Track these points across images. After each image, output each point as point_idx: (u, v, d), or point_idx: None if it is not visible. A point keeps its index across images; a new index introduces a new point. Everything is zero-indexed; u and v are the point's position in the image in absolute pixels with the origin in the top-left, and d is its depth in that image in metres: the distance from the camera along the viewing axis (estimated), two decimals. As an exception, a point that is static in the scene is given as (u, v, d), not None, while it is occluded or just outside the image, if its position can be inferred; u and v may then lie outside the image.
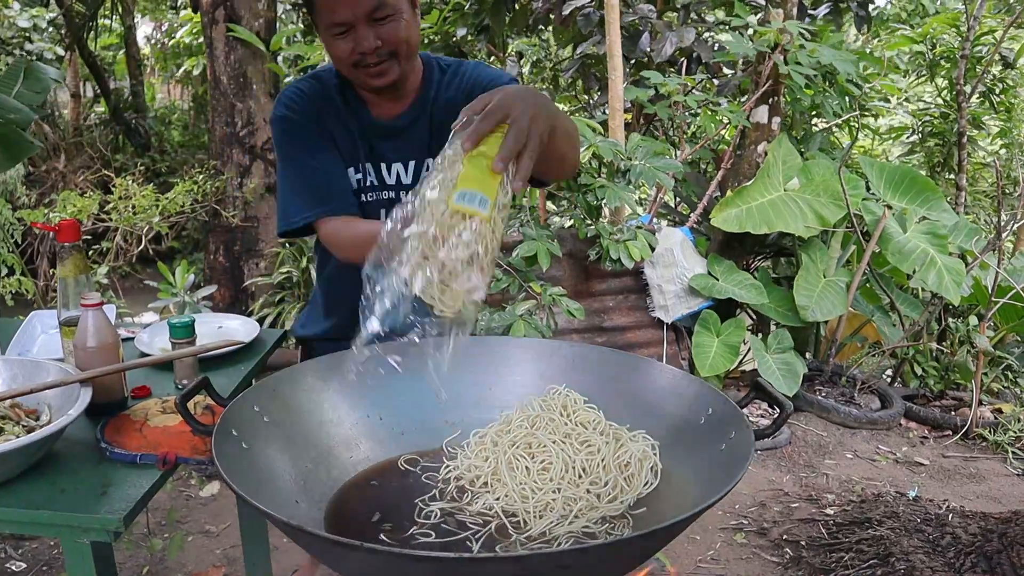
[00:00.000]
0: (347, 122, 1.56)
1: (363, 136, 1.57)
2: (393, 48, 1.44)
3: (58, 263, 1.47)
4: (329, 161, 1.54)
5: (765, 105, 3.98)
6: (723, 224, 3.71)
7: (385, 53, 1.44)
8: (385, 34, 1.42)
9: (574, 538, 1.07)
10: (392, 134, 1.58)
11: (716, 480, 1.00)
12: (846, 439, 3.50)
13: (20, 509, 1.14)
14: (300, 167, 1.53)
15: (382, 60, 1.44)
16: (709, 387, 1.20)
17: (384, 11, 1.40)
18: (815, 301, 3.68)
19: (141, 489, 1.19)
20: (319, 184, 1.52)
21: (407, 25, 1.44)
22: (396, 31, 1.43)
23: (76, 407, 1.24)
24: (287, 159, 1.55)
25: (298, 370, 1.27)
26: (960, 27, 5.04)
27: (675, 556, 2.59)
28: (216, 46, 4.63)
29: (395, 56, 1.45)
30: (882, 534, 2.51)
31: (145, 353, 1.66)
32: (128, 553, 2.57)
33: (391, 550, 0.95)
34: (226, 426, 1.05)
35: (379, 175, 1.59)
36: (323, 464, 1.19)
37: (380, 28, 1.42)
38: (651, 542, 0.97)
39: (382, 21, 1.41)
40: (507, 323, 2.98)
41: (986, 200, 6.05)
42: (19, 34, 7.18)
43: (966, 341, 3.76)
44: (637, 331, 3.79)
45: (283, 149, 1.56)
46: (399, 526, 1.09)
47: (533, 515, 1.09)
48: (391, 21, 1.42)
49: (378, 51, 1.43)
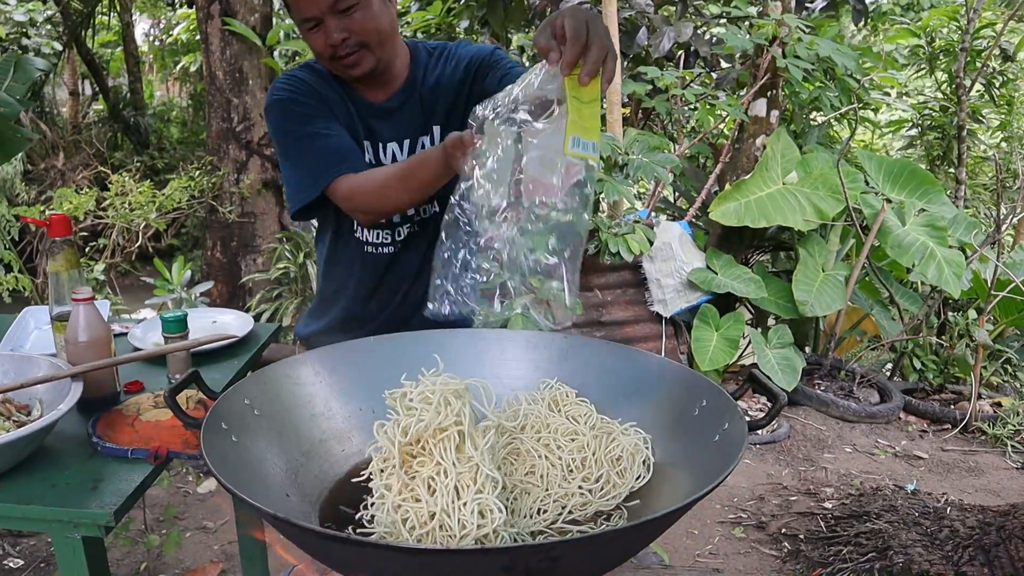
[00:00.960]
0: (345, 104, 1.57)
1: (360, 117, 1.58)
2: (362, 38, 1.45)
3: (49, 258, 1.46)
4: (334, 127, 1.53)
5: (763, 98, 3.97)
6: (721, 218, 3.70)
7: (355, 44, 1.45)
8: (352, 25, 1.43)
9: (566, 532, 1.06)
10: (385, 115, 1.58)
11: (710, 472, 0.99)
12: (845, 433, 3.50)
13: (11, 504, 1.14)
14: (306, 139, 1.51)
15: (354, 51, 1.46)
16: (702, 378, 1.19)
17: (347, 2, 1.42)
18: (814, 296, 3.67)
19: (132, 484, 1.18)
20: (329, 148, 1.50)
21: (375, 14, 1.45)
22: (363, 21, 1.44)
23: (67, 401, 1.23)
24: (289, 137, 1.53)
25: (290, 363, 1.26)
26: (959, 20, 5.02)
27: (673, 550, 2.59)
28: (212, 41, 4.62)
29: (366, 46, 1.46)
30: (880, 527, 2.51)
31: (138, 348, 1.65)
32: (125, 549, 2.57)
33: (380, 543, 0.95)
34: (216, 419, 1.05)
35: (376, 154, 1.59)
36: (315, 458, 1.18)
37: (347, 20, 1.43)
38: (642, 534, 0.96)
39: (347, 12, 1.42)
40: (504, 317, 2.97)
41: (986, 193, 6.04)
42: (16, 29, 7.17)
43: (965, 335, 3.76)
44: (636, 325, 3.78)
45: (284, 129, 1.54)
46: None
47: (525, 516, 1.09)
48: (357, 11, 1.43)
49: (347, 42, 1.44)
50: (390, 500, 1.02)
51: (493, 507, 0.99)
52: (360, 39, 1.45)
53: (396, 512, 1.01)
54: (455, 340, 1.36)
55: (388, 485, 1.03)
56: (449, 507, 0.98)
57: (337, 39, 1.43)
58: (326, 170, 1.48)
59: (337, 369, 1.27)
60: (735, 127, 4.15)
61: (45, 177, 7.02)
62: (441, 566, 0.85)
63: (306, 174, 1.51)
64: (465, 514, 0.97)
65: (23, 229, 4.81)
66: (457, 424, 1.04)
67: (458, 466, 1.01)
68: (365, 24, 1.44)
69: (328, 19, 1.42)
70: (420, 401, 1.06)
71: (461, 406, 1.06)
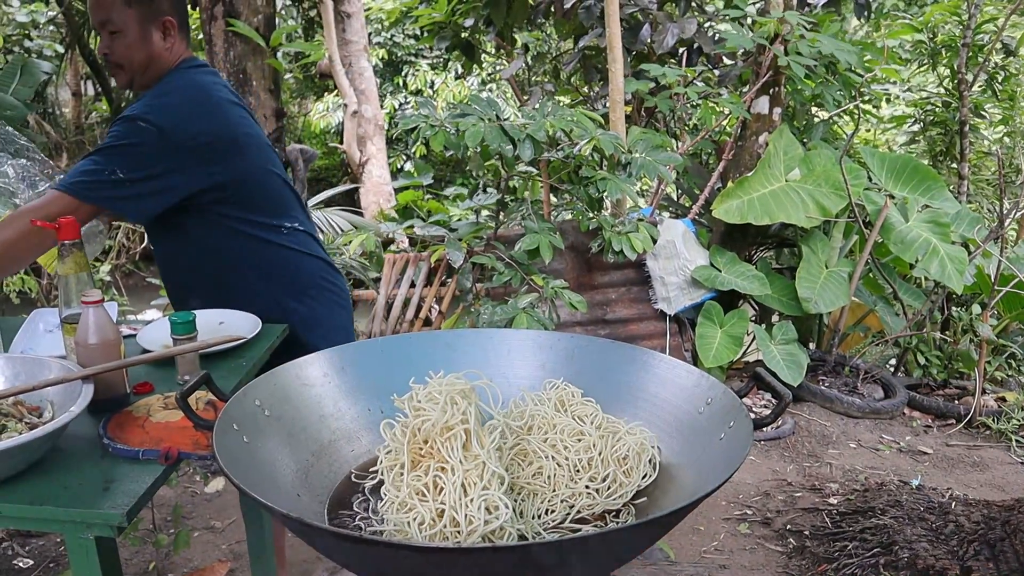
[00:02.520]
0: None
1: None
2: (116, 60, 1.73)
3: (58, 261, 1.47)
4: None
5: (766, 96, 3.97)
6: (725, 215, 3.71)
7: (112, 62, 1.74)
8: (110, 47, 1.72)
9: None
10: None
11: (715, 469, 1.01)
12: (849, 429, 3.51)
13: (24, 505, 1.15)
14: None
15: (113, 65, 1.75)
16: (708, 377, 1.20)
17: (110, 27, 1.69)
18: (817, 292, 3.67)
19: (144, 484, 1.19)
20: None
21: (129, 45, 1.71)
22: (117, 47, 1.71)
23: (78, 403, 1.24)
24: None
25: (299, 365, 1.27)
26: (961, 15, 5.02)
27: (679, 547, 2.60)
28: (215, 42, 4.63)
29: (120, 67, 1.74)
30: (885, 523, 2.51)
31: (147, 350, 1.66)
32: (134, 549, 2.58)
33: (392, 541, 0.96)
34: (227, 421, 1.06)
35: None
36: (324, 458, 1.19)
37: (109, 40, 1.71)
38: (649, 531, 0.97)
39: (112, 35, 1.70)
40: (509, 316, 2.98)
41: (989, 188, 6.03)
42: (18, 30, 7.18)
43: (969, 330, 3.76)
44: (640, 323, 3.79)
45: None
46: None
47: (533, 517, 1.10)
48: (116, 38, 1.70)
49: (107, 57, 1.74)
50: (399, 499, 1.03)
51: (499, 503, 1.00)
52: (115, 60, 1.73)
53: (405, 511, 1.02)
54: (462, 340, 1.37)
55: (397, 484, 1.04)
56: (456, 504, 0.99)
57: (101, 50, 1.76)
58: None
59: (346, 370, 1.29)
60: (738, 124, 4.15)
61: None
62: (452, 564, 0.87)
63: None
64: (472, 510, 0.99)
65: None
66: (463, 423, 1.05)
67: (465, 463, 1.02)
68: (116, 50, 1.71)
69: (101, 32, 1.72)
70: (427, 401, 1.07)
71: (467, 406, 1.07)
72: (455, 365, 1.32)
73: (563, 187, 3.60)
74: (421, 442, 1.05)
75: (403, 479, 1.04)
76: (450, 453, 1.03)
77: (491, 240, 3.47)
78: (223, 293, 1.83)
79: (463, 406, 1.06)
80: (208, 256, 1.82)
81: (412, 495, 1.02)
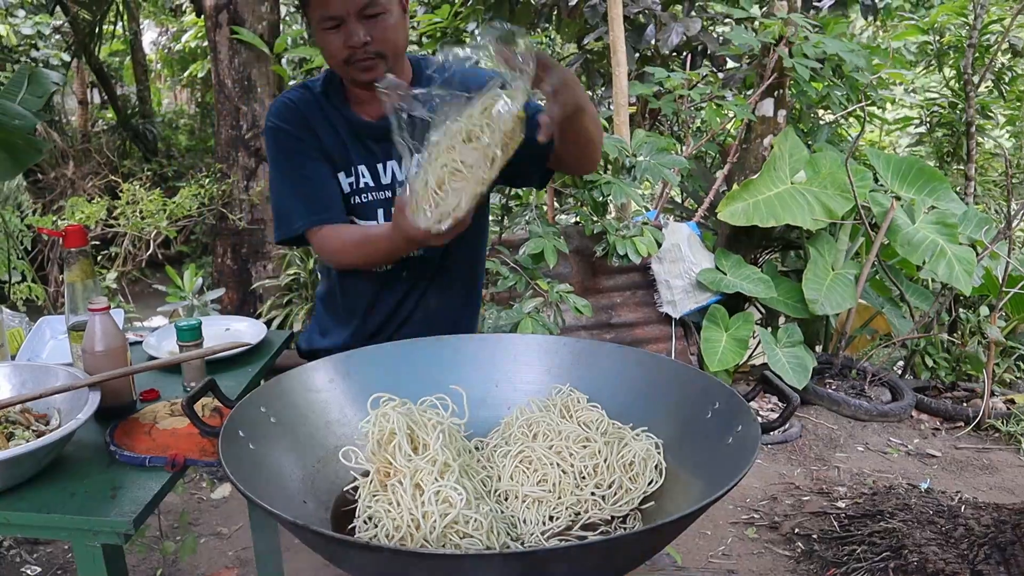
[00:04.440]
0: (337, 127, 1.60)
1: (355, 138, 1.60)
2: (380, 48, 1.46)
3: (65, 268, 1.48)
4: (319, 171, 1.59)
5: (771, 98, 3.97)
6: (730, 218, 3.70)
7: (373, 52, 1.46)
8: (374, 31, 1.45)
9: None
10: (383, 134, 1.58)
11: (723, 474, 1.00)
12: (857, 432, 3.49)
13: (31, 513, 1.15)
14: (292, 178, 1.59)
15: (370, 57, 1.47)
16: (715, 381, 1.19)
17: (375, 8, 1.44)
18: (824, 294, 3.66)
19: (150, 491, 1.19)
20: (309, 194, 1.58)
21: (395, 26, 1.48)
22: (384, 30, 1.46)
23: (85, 411, 1.24)
24: (279, 169, 1.62)
25: (304, 371, 1.27)
26: (968, 16, 5.00)
27: (686, 551, 2.59)
28: (220, 50, 4.65)
29: (382, 56, 1.48)
30: (894, 526, 2.50)
31: (153, 357, 1.67)
32: (141, 556, 2.59)
33: (397, 548, 0.95)
34: (233, 427, 1.06)
35: (375, 175, 1.61)
36: (330, 464, 1.19)
37: (370, 25, 1.44)
38: (656, 537, 0.96)
39: (373, 19, 1.44)
40: (514, 320, 2.98)
41: (996, 189, 6.01)
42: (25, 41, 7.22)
43: (977, 332, 3.74)
44: (645, 327, 3.78)
45: (274, 158, 1.63)
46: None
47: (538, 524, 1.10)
48: (381, 19, 1.45)
49: (366, 47, 1.45)
50: (369, 511, 1.07)
51: (451, 492, 1.02)
52: (379, 48, 1.46)
53: (379, 527, 1.05)
54: (468, 345, 1.37)
55: (368, 504, 1.08)
56: (412, 504, 1.02)
57: (358, 42, 1.44)
58: (301, 217, 1.57)
59: (351, 375, 1.28)
60: (742, 127, 4.15)
61: (55, 186, 7.06)
62: (455, 571, 0.86)
63: (284, 213, 1.60)
64: (429, 507, 1.01)
65: (35, 238, 4.85)
66: (404, 429, 1.10)
67: (415, 462, 1.06)
68: (386, 33, 1.46)
69: (351, 21, 1.43)
70: (373, 424, 1.13)
71: (400, 416, 1.11)
72: (460, 370, 1.32)
73: (567, 191, 3.60)
74: (383, 460, 1.09)
75: (377, 498, 1.08)
76: (395, 458, 1.07)
77: (496, 245, 3.47)
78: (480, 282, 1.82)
79: (393, 416, 1.12)
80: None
81: (379, 510, 1.06)
